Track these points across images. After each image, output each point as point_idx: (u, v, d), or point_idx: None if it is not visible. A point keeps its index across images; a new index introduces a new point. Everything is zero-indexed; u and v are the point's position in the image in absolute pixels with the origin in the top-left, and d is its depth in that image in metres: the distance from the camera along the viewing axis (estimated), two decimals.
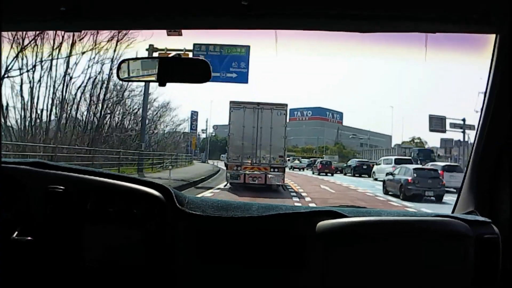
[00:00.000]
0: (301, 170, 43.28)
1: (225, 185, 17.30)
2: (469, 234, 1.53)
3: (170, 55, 1.74)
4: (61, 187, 1.57)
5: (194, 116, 59.29)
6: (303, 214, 1.63)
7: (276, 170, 16.63)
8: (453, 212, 1.84)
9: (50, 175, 1.63)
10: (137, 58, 1.74)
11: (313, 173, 37.07)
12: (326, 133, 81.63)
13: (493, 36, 1.64)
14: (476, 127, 1.78)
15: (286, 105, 17.47)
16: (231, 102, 17.18)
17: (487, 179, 1.72)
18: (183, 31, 1.76)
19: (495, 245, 1.58)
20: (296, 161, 48.19)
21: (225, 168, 17.44)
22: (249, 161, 16.69)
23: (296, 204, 12.31)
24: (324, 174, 34.77)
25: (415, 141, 63.14)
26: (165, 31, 1.73)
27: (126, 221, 1.59)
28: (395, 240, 1.54)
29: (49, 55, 18.64)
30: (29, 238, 1.49)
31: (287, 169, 23.47)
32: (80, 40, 19.05)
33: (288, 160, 40.00)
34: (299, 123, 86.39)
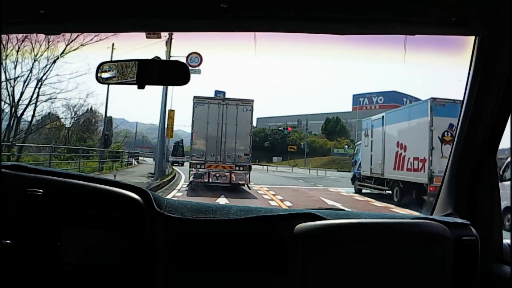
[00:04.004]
0: None
1: (188, 185, 16.78)
2: (448, 236, 1.54)
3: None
4: (40, 190, 1.53)
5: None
6: (281, 217, 1.64)
7: (241, 168, 16.42)
8: (432, 214, 1.86)
9: (29, 178, 1.58)
10: (116, 61, 1.72)
11: None
12: None
13: (472, 38, 1.65)
14: (455, 128, 1.77)
15: (252, 100, 17.13)
16: (194, 97, 16.78)
17: (466, 181, 1.74)
18: (162, 33, 1.75)
19: (474, 247, 1.60)
20: None
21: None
22: (214, 159, 16.37)
23: None
24: None
25: None
26: (144, 34, 1.72)
27: (105, 224, 1.57)
28: (374, 242, 1.55)
29: None
30: (7, 241, 1.45)
31: None
32: None
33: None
34: (367, 113, 63.47)
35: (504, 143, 1.70)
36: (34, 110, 22.10)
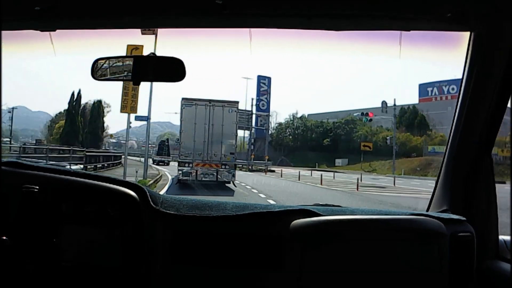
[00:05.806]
0: None
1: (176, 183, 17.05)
2: (444, 232, 1.56)
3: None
4: (36, 187, 1.51)
5: (263, 85, 31.33)
6: (277, 213, 1.64)
7: (227, 166, 16.85)
8: (427, 210, 1.86)
9: (25, 175, 1.57)
10: (111, 57, 1.70)
11: None
12: None
13: (468, 33, 1.65)
14: (451, 124, 1.77)
15: (237, 102, 17.86)
16: (182, 99, 17.21)
17: (461, 177, 1.74)
18: (158, 30, 1.73)
19: (470, 243, 1.61)
20: None
21: None
22: (201, 158, 16.76)
23: None
24: None
25: None
26: (139, 30, 1.70)
27: (101, 221, 1.56)
28: (370, 239, 1.57)
29: None
30: (4, 238, 1.43)
31: None
32: None
33: None
34: (438, 104, 52.75)
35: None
36: None
